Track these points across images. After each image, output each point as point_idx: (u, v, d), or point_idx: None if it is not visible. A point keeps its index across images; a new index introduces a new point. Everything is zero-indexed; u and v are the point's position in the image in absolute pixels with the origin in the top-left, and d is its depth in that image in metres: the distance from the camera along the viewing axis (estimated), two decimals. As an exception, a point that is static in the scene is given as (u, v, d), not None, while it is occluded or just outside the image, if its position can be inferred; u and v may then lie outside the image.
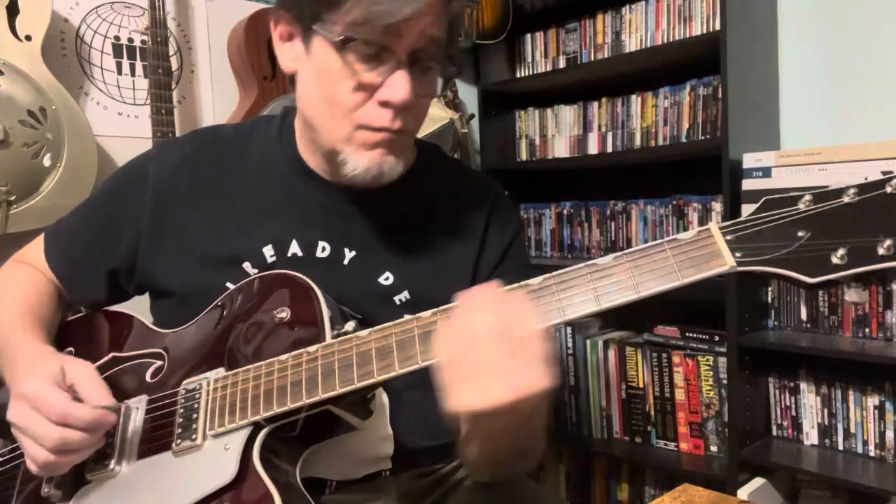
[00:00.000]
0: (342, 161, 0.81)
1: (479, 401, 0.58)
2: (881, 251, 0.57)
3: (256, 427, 0.73)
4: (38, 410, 0.71)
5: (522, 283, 0.66)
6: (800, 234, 0.60)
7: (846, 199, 0.59)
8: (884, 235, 0.57)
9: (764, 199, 0.62)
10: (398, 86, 0.75)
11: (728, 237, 0.62)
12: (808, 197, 0.60)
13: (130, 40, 1.89)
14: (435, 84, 0.81)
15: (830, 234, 0.59)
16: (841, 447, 1.86)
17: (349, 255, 0.89)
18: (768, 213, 0.61)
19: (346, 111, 0.78)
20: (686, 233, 0.63)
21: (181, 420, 0.76)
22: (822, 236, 0.59)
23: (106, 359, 0.87)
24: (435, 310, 0.69)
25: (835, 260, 0.58)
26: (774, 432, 1.98)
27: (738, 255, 0.61)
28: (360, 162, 0.80)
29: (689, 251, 0.62)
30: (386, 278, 0.90)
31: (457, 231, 0.94)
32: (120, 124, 1.87)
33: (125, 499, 0.74)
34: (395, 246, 0.91)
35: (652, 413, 2.13)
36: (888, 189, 0.59)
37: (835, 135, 2.00)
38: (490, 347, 0.58)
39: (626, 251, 0.63)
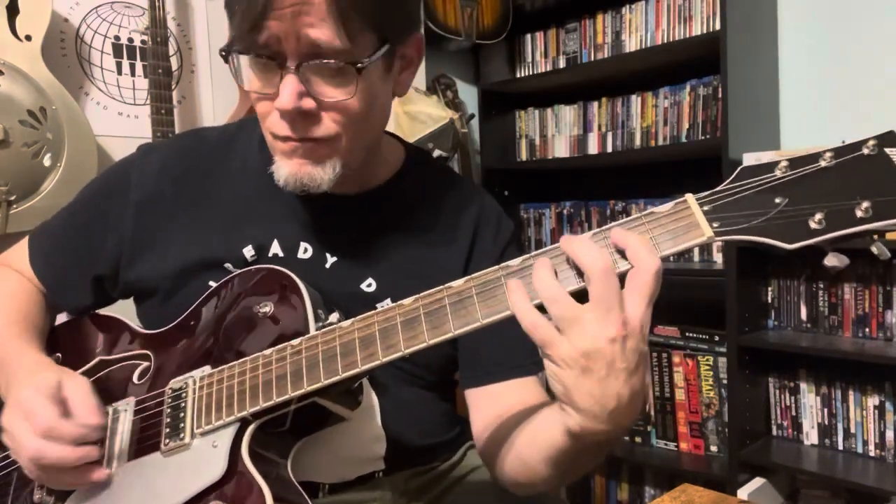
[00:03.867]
0: (273, 170, 0.81)
1: (588, 341, 0.57)
2: (859, 213, 0.56)
3: (244, 423, 0.73)
4: (28, 421, 0.72)
5: (502, 264, 0.65)
6: (777, 200, 0.59)
7: (823, 164, 0.58)
8: (861, 198, 0.56)
9: (740, 167, 0.61)
10: (282, 92, 0.73)
11: (705, 207, 0.61)
12: (784, 163, 0.59)
13: (130, 40, 1.89)
14: (354, 87, 0.75)
15: (808, 198, 0.58)
16: (841, 447, 1.86)
17: (331, 260, 0.88)
18: (745, 181, 0.60)
19: (261, 119, 0.80)
20: (663, 205, 0.62)
21: (169, 420, 0.76)
22: (800, 201, 0.58)
23: (93, 363, 0.86)
24: (416, 296, 0.68)
25: (812, 225, 0.57)
26: (774, 432, 1.98)
27: (715, 225, 0.60)
28: (283, 171, 0.79)
29: (667, 223, 0.61)
30: (368, 285, 0.88)
31: (443, 239, 0.92)
32: (120, 124, 1.87)
33: (117, 501, 0.74)
34: (378, 253, 0.89)
35: (652, 413, 2.13)
36: (865, 151, 0.57)
37: (835, 135, 2.00)
38: (602, 282, 0.58)
39: (604, 227, 0.62)
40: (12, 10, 1.53)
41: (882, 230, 0.56)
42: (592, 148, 2.43)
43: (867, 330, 1.82)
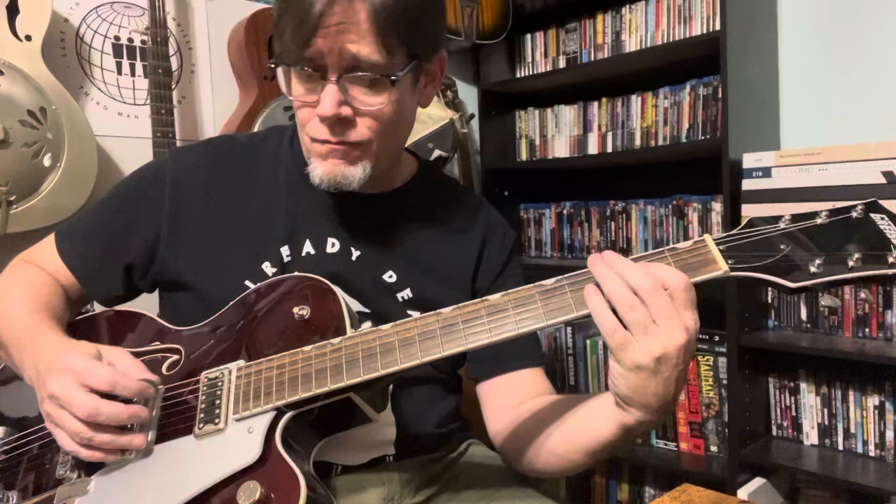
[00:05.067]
0: (309, 171, 0.89)
1: (660, 347, 0.65)
2: (851, 263, 0.66)
3: (279, 412, 0.75)
4: (85, 383, 0.73)
5: (537, 283, 0.71)
6: (782, 246, 0.69)
7: (819, 221, 0.69)
8: (852, 250, 0.67)
9: (749, 218, 0.72)
10: (323, 101, 0.81)
11: (721, 247, 0.70)
12: (787, 217, 0.70)
13: (130, 40, 1.89)
14: (387, 97, 0.84)
15: (808, 247, 0.68)
16: (841, 447, 1.86)
17: (355, 253, 0.95)
18: (754, 229, 0.70)
19: (302, 125, 0.87)
20: (683, 243, 0.71)
21: (203, 406, 0.78)
22: (802, 249, 0.68)
23: None
24: (455, 306, 0.74)
25: (812, 269, 0.67)
26: (774, 432, 1.98)
27: (730, 261, 0.69)
28: (318, 171, 0.87)
29: (688, 258, 0.70)
30: (389, 276, 0.95)
31: (455, 241, 1.00)
32: (120, 124, 1.87)
33: (145, 479, 0.75)
34: (397, 248, 0.97)
35: (652, 413, 2.13)
36: (854, 214, 0.68)
37: (835, 135, 2.00)
38: (657, 297, 0.65)
39: (632, 257, 0.70)
40: (12, 10, 1.53)
41: (869, 278, 0.67)
42: (592, 148, 2.42)
43: (867, 330, 1.82)
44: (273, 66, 0.85)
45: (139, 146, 1.81)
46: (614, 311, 0.67)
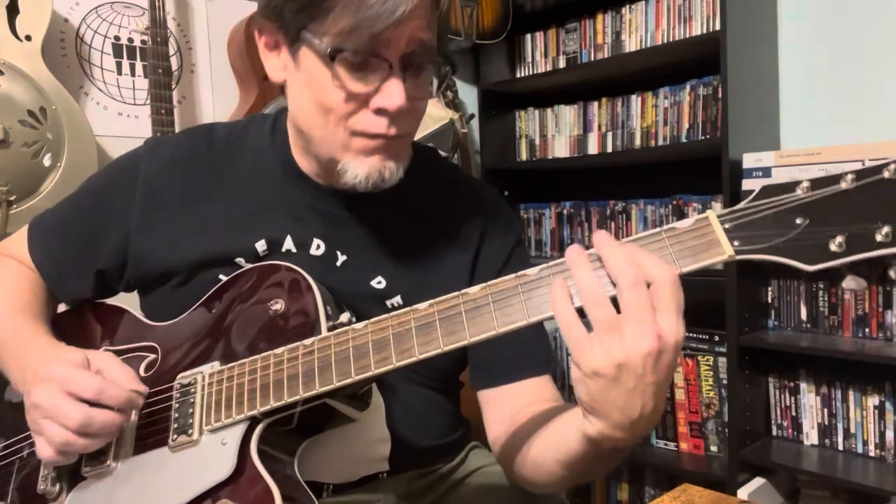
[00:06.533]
0: (342, 169, 0.80)
1: (623, 353, 0.57)
2: (879, 238, 0.56)
3: (253, 421, 0.72)
4: (70, 392, 0.71)
5: (520, 273, 0.65)
6: (798, 221, 0.59)
7: (844, 186, 0.58)
8: (881, 222, 0.56)
9: (762, 186, 0.62)
10: (392, 93, 0.74)
11: (726, 225, 0.61)
12: (805, 183, 0.60)
13: (130, 40, 1.89)
14: (430, 85, 0.79)
15: (828, 221, 0.58)
16: (841, 447, 1.86)
17: (341, 258, 0.89)
18: (766, 200, 0.61)
19: (340, 119, 0.77)
20: (684, 221, 0.62)
21: (177, 415, 0.76)
22: (821, 223, 0.58)
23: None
24: (431, 301, 0.67)
25: (833, 247, 0.58)
26: (774, 432, 1.98)
27: (736, 243, 0.60)
28: (360, 169, 0.79)
29: (687, 240, 0.61)
30: (378, 282, 0.89)
31: (451, 237, 0.92)
32: (120, 124, 1.87)
33: (122, 495, 0.74)
34: (388, 251, 0.90)
35: (652, 413, 2.13)
36: (886, 174, 0.57)
37: (835, 135, 2.00)
38: (635, 293, 0.57)
39: (624, 240, 0.62)
40: (12, 10, 1.53)
41: (900, 254, 0.56)
42: (592, 148, 2.43)
43: (867, 330, 1.82)
44: (332, 52, 0.72)
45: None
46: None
